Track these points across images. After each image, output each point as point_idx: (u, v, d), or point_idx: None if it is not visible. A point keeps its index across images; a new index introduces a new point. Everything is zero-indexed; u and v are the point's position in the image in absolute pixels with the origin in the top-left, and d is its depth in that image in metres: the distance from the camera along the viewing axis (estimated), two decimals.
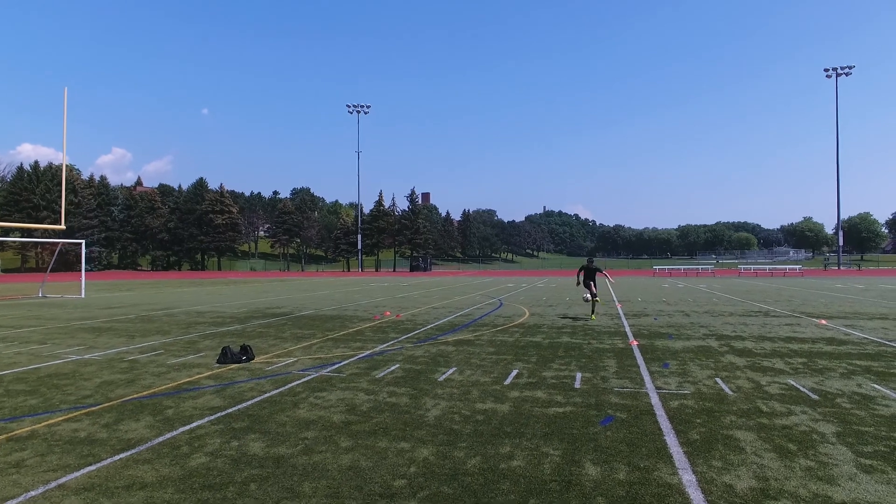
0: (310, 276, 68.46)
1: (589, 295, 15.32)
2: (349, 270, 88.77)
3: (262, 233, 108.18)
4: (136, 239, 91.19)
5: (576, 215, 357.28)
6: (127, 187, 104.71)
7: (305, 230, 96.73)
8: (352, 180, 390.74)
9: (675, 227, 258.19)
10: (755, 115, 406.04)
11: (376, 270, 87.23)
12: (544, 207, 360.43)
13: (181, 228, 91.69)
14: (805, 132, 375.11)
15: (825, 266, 66.99)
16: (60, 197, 16.22)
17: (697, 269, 60.70)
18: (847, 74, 60.54)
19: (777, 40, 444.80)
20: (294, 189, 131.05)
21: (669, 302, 22.03)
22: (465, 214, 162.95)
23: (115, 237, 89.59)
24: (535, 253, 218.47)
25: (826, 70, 61.06)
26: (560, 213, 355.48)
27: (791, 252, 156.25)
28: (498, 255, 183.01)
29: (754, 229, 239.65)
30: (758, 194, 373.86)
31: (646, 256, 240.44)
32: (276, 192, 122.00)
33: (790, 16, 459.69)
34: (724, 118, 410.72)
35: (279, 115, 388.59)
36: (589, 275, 15.41)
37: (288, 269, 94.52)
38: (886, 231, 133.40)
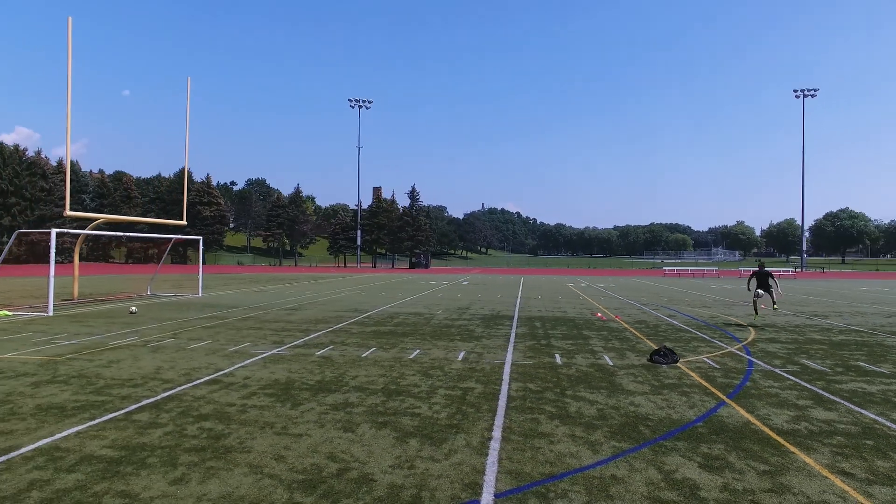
0: (308, 271, 66.47)
1: (758, 297, 16.10)
2: (346, 266, 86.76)
3: (231, 225, 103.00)
4: (110, 229, 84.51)
5: (517, 213, 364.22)
6: (97, 174, 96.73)
7: (300, 224, 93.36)
8: (306, 174, 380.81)
9: (612, 226, 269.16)
10: (690, 122, 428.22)
11: (373, 267, 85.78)
12: (483, 205, 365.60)
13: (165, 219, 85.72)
14: (737, 141, 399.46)
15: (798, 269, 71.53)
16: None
17: (703, 269, 63.03)
18: (812, 96, 65.52)
19: (716, 48, 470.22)
20: (249, 180, 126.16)
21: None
22: (424, 210, 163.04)
23: (84, 226, 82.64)
24: (485, 250, 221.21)
25: (795, 91, 65.95)
26: (502, 210, 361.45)
27: (725, 254, 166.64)
28: (453, 252, 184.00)
29: (686, 231, 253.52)
30: (689, 198, 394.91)
31: (585, 255, 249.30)
32: (233, 182, 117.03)
33: (728, 23, 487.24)
34: (657, 124, 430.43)
35: (222, 97, 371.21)
36: (762, 279, 16.05)
37: (280, 264, 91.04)
38: (809, 236, 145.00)
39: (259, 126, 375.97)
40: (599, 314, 18.46)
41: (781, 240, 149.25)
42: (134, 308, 17.61)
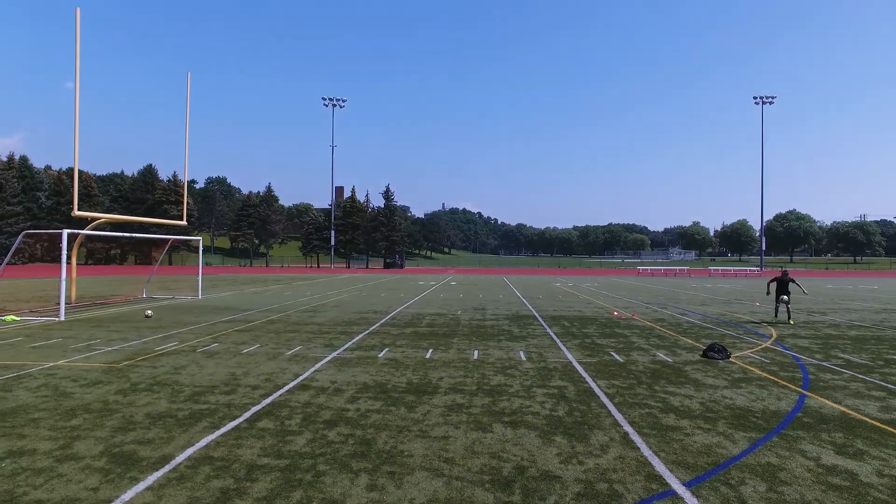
0: (282, 272, 64.99)
1: (783, 303, 16.48)
2: (319, 266, 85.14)
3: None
4: (97, 229, 79.64)
5: (479, 213, 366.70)
6: (53, 171, 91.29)
7: (273, 224, 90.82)
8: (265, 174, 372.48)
9: (572, 226, 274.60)
10: (648, 125, 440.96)
11: (347, 267, 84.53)
12: (444, 205, 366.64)
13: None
14: (691, 145, 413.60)
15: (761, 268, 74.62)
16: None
17: (676, 268, 65.39)
18: (770, 103, 68.92)
19: (677, 57, 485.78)
20: (209, 178, 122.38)
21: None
22: (400, 210, 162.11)
23: (43, 227, 77.76)
24: (449, 250, 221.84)
25: (755, 98, 69.13)
26: (464, 210, 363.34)
27: (682, 253, 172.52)
28: (418, 252, 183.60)
29: (643, 231, 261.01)
30: (646, 198, 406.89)
31: (546, 255, 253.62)
32: (193, 181, 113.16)
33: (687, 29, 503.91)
34: (615, 126, 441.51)
35: (179, 93, 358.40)
36: (782, 286, 16.54)
37: (251, 264, 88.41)
38: (758, 235, 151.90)
39: (217, 124, 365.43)
40: (616, 313, 19.01)
41: (735, 240, 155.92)
42: (150, 312, 17.05)
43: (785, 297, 16.35)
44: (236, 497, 4.60)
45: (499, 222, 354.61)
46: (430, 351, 11.43)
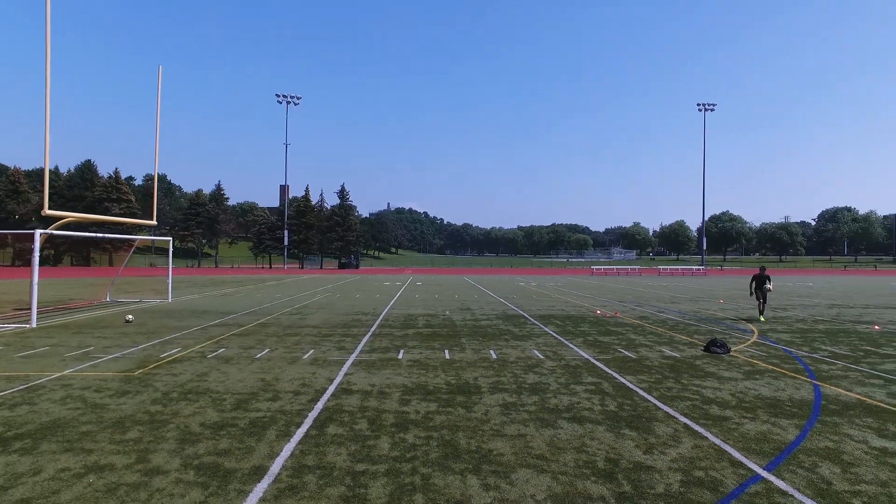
0: (235, 273, 62.33)
1: (760, 298, 17.44)
2: (272, 267, 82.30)
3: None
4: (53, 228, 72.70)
5: (425, 213, 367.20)
6: None
7: (223, 224, 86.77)
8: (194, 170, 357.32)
9: (517, 226, 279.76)
10: (592, 130, 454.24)
11: (301, 268, 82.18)
12: (388, 204, 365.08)
13: None
14: (633, 148, 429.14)
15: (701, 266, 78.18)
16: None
17: (627, 267, 67.36)
18: (712, 110, 72.74)
19: (621, 64, 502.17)
20: (147, 175, 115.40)
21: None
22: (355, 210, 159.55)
23: None
24: (396, 250, 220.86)
25: (698, 105, 72.85)
26: (410, 210, 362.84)
27: (623, 253, 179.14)
28: (365, 252, 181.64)
29: (585, 231, 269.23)
30: (588, 199, 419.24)
31: (492, 254, 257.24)
32: (131, 178, 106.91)
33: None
34: (559, 130, 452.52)
35: (115, 87, 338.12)
36: (760, 282, 17.48)
37: (199, 265, 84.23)
38: (695, 236, 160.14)
39: (153, 118, 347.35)
40: (599, 311, 19.70)
41: (673, 240, 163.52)
42: (130, 317, 16.23)
43: (761, 292, 17.44)
44: (360, 502, 4.61)
45: (445, 222, 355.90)
46: (447, 352, 11.53)
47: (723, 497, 4.71)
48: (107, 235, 21.17)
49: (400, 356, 11.04)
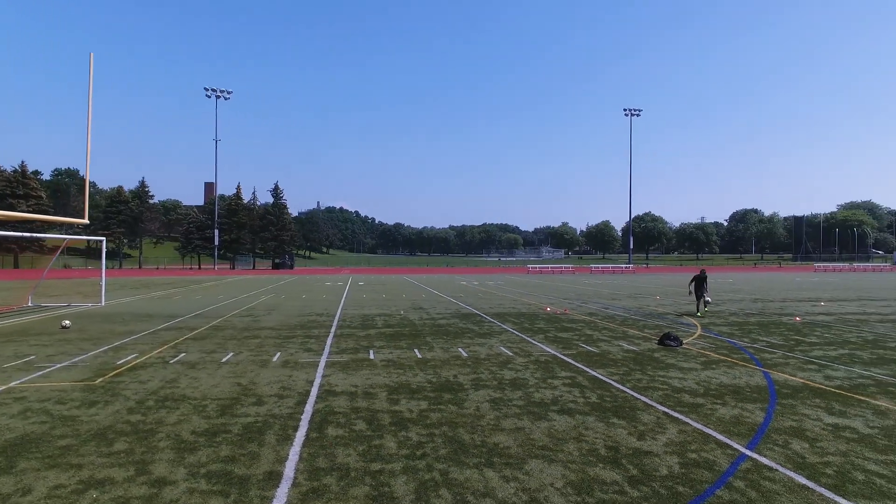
0: (161, 274, 58.50)
1: (701, 298, 18.40)
2: (201, 268, 77.88)
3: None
4: None
5: (356, 212, 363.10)
6: None
7: (148, 222, 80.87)
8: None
9: (448, 226, 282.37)
10: (522, 130, 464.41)
11: (232, 268, 78.39)
12: (318, 203, 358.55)
13: None
14: (562, 149, 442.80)
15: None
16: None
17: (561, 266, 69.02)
18: (637, 115, 76.60)
19: (549, 67, 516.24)
20: (57, 170, 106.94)
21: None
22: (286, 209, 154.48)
23: None
24: (327, 249, 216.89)
25: (625, 110, 76.40)
26: (341, 209, 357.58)
27: (552, 252, 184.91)
28: (296, 252, 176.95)
29: (515, 230, 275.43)
30: (518, 199, 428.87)
31: (424, 254, 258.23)
32: (37, 172, 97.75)
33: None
34: (490, 129, 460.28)
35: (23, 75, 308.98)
36: (700, 282, 18.46)
37: (121, 266, 78.11)
38: (620, 235, 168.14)
39: (67, 110, 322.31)
40: (548, 308, 20.39)
41: (599, 239, 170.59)
42: (67, 322, 15.13)
43: (702, 292, 18.64)
44: (389, 500, 4.67)
45: (376, 221, 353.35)
46: (417, 351, 11.63)
47: (721, 475, 5.15)
48: (25, 235, 19.57)
49: (372, 356, 11.02)
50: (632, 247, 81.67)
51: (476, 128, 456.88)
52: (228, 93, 70.15)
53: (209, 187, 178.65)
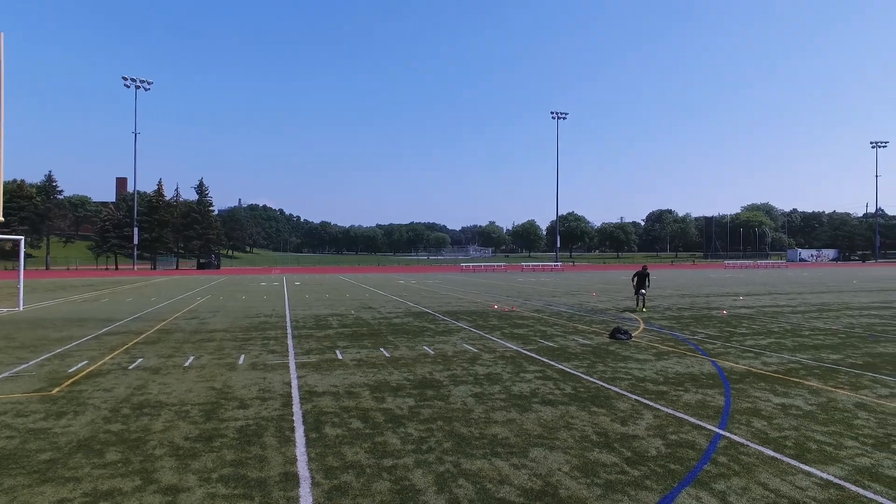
0: (73, 275, 53.71)
1: (639, 294, 19.33)
2: (118, 268, 72.08)
3: None
4: None
5: (280, 210, 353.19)
6: None
7: (56, 220, 73.33)
8: None
9: (376, 224, 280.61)
10: (447, 129, 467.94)
11: (153, 268, 73.16)
12: (240, 201, 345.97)
13: None
14: (491, 149, 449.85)
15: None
16: None
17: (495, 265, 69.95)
18: (564, 118, 79.51)
19: (480, 69, 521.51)
20: None
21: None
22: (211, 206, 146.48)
23: None
24: (251, 249, 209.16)
25: (552, 113, 79.08)
26: (264, 207, 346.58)
27: (480, 250, 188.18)
28: (217, 251, 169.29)
29: (443, 229, 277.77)
30: (446, 198, 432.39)
31: (351, 253, 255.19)
32: None
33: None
34: (417, 129, 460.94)
35: None
36: (641, 280, 19.34)
37: (25, 266, 70.53)
38: (545, 234, 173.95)
39: None
40: (496, 306, 20.99)
41: (525, 238, 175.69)
42: None
43: (643, 290, 19.81)
44: (413, 492, 4.86)
45: (302, 220, 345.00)
46: (383, 350, 11.75)
47: (703, 453, 5.73)
48: None
49: (340, 356, 11.04)
50: (559, 245, 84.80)
51: (403, 126, 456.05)
52: (149, 83, 66.06)
53: (121, 183, 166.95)
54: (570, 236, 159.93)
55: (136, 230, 68.51)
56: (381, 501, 4.67)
